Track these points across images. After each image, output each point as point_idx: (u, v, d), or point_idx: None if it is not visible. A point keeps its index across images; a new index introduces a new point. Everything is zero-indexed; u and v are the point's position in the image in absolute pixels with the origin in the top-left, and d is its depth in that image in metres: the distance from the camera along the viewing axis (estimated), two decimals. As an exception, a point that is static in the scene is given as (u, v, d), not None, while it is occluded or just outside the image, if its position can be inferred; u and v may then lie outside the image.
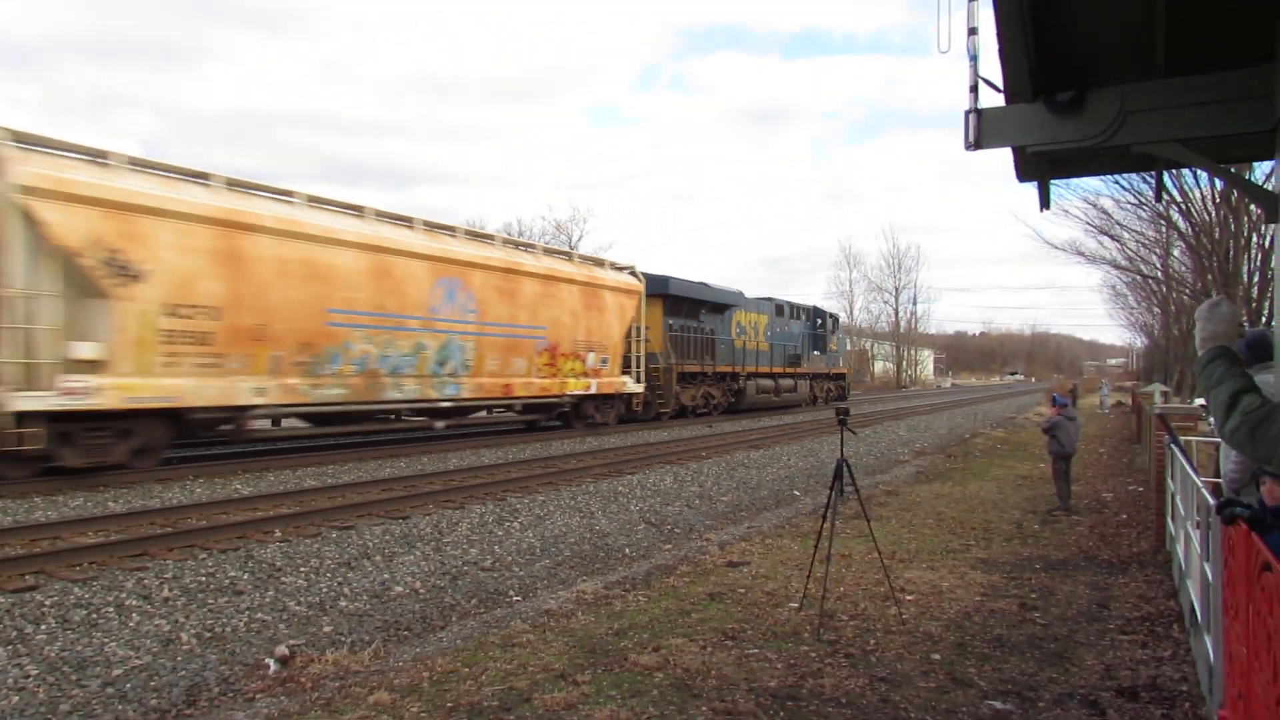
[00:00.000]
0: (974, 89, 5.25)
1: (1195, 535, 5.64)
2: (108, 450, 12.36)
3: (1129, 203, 24.71)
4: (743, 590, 7.27)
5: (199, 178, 13.82)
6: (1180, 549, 6.99)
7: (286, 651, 5.97)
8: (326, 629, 6.58)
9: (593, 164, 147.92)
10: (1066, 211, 27.98)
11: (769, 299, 34.00)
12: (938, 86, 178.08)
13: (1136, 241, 29.93)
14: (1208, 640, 4.66)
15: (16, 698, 5.07)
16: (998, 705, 4.82)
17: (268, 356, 14.14)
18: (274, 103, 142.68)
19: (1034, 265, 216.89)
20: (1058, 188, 22.40)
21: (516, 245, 21.21)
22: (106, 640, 5.95)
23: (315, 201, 15.72)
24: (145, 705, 5.18)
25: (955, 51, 5.14)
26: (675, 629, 6.15)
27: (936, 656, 5.61)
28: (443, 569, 8.27)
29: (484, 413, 20.54)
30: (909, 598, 7.01)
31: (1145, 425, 17.86)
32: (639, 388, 23.96)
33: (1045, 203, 7.27)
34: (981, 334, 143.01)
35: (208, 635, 6.24)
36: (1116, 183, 22.49)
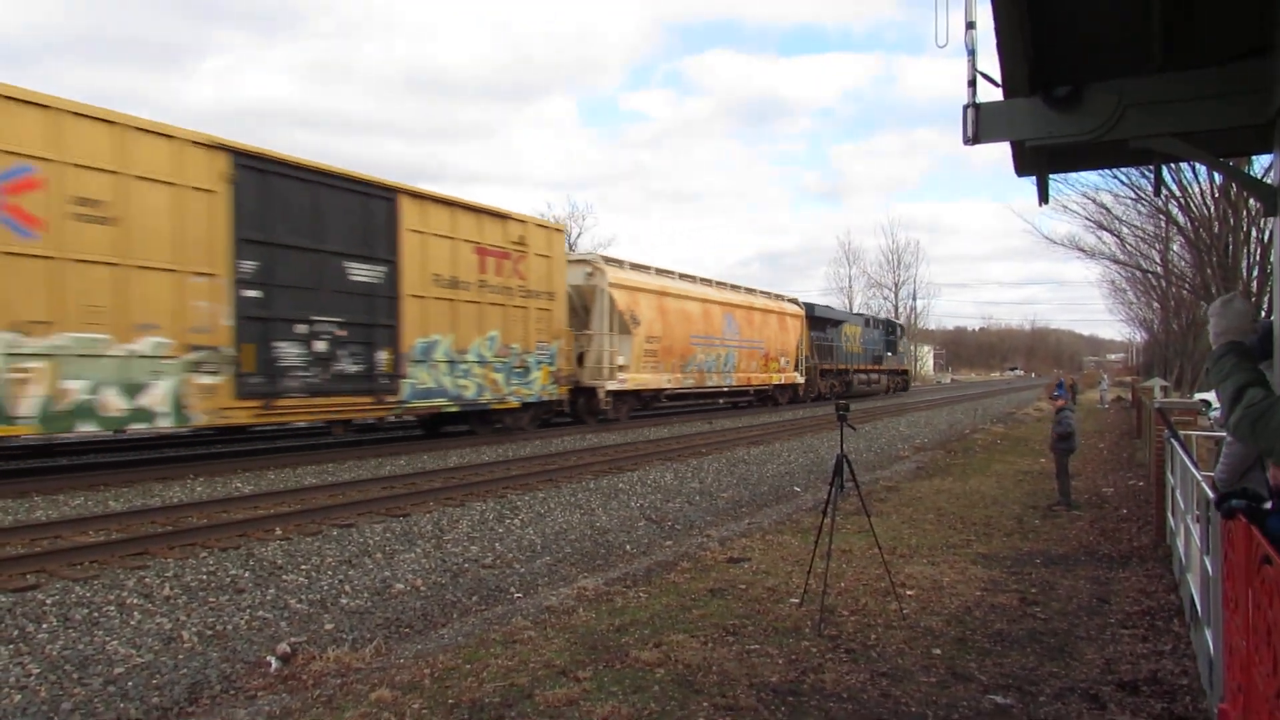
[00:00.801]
0: (972, 84, 5.24)
1: (1195, 529, 5.65)
2: (620, 410, 23.59)
3: (1128, 197, 24.69)
4: (743, 586, 7.28)
5: (644, 269, 25.91)
6: (1180, 543, 7.00)
7: (288, 649, 5.98)
8: (328, 626, 6.59)
9: (589, 161, 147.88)
10: (1065, 206, 27.88)
11: (860, 314, 49.66)
12: (934, 82, 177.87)
13: (1136, 236, 29.93)
14: (1208, 634, 4.66)
15: (19, 696, 5.08)
16: (999, 699, 4.83)
17: (670, 362, 25.74)
18: (269, 101, 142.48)
19: (1033, 261, 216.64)
20: (1056, 182, 22.37)
21: (748, 290, 33.10)
22: (108, 639, 5.96)
23: (682, 276, 28.06)
24: (147, 703, 5.19)
25: (953, 46, 5.13)
26: (676, 625, 6.16)
27: (937, 651, 5.62)
28: (444, 566, 8.28)
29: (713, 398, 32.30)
30: (910, 593, 7.02)
31: (1145, 420, 17.87)
32: (802, 380, 36.05)
33: (1044, 197, 7.28)
34: (981, 330, 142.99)
35: (209, 633, 6.25)
36: (1115, 177, 22.46)
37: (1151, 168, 12.78)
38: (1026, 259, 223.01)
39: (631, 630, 6.05)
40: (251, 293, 13.62)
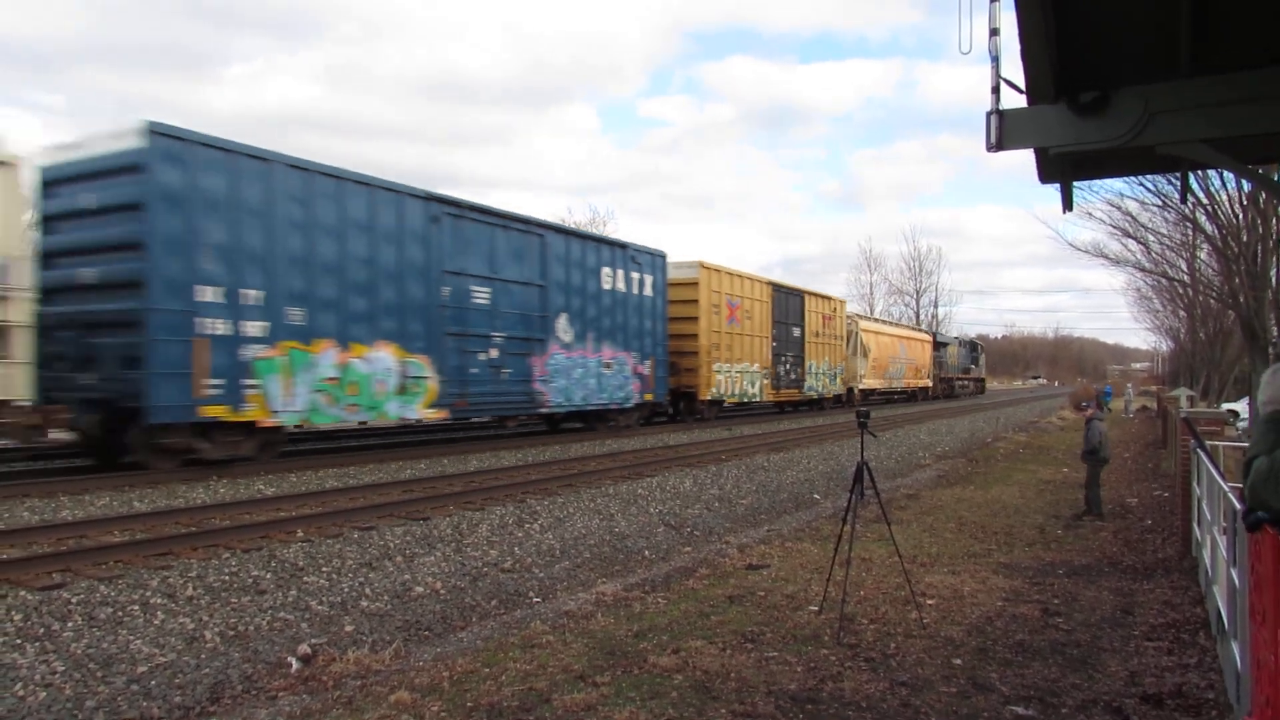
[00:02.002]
0: (996, 90, 5.22)
1: (1221, 541, 5.58)
2: (861, 403, 37.92)
3: (1154, 205, 24.39)
4: (762, 593, 7.25)
5: (869, 318, 47.35)
6: (1206, 554, 6.91)
7: (309, 650, 6.02)
8: (348, 628, 6.63)
9: (608, 166, 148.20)
10: (1090, 214, 27.62)
11: (957, 337, 66.67)
12: (954, 88, 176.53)
13: (1162, 244, 29.56)
14: (1235, 647, 4.60)
15: (44, 694, 5.14)
16: (1020, 711, 4.78)
17: (879, 373, 42.28)
18: (288, 106, 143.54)
19: (1056, 267, 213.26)
20: (1080, 189, 22.14)
21: (906, 325, 54.24)
22: (132, 638, 6.03)
23: (883, 321, 50.03)
24: (170, 702, 5.24)
25: (976, 53, 5.12)
26: (695, 631, 6.14)
27: (958, 661, 5.57)
28: (463, 570, 8.31)
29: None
30: (930, 602, 6.97)
31: (1170, 430, 17.66)
32: (930, 384, 51.92)
33: (1068, 204, 7.22)
34: (1003, 337, 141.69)
35: (231, 634, 6.30)
36: (1141, 184, 22.20)
37: (1178, 174, 12.65)
38: (1049, 266, 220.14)
39: (650, 636, 6.04)
40: (774, 344, 30.34)
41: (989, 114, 5.28)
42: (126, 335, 12.02)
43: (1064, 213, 8.48)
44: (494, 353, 17.39)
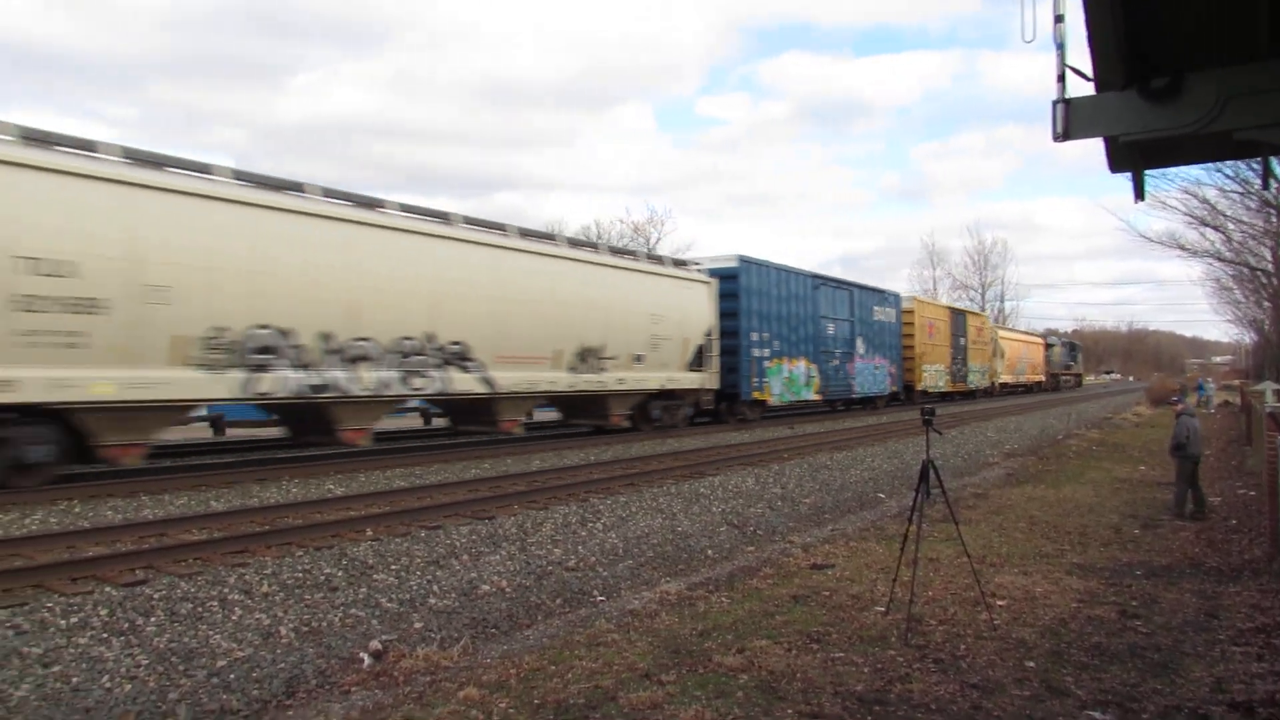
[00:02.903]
0: (1061, 78, 5.09)
1: (1311, 540, 5.34)
2: (995, 391, 52.33)
3: (1234, 192, 23.50)
4: (827, 593, 7.18)
5: (1003, 326, 67.81)
6: (1295, 555, 6.62)
7: (379, 646, 6.16)
8: (417, 625, 6.76)
9: (666, 165, 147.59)
10: (1164, 203, 26.65)
11: (1059, 337, 77.38)
12: (1017, 78, 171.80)
13: (1243, 232, 28.45)
14: (1326, 651, 4.40)
15: (129, 686, 5.35)
16: (1097, 715, 4.65)
17: (1010, 369, 55.30)
18: (353, 114, 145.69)
19: (1127, 259, 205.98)
20: (1153, 178, 21.44)
21: (1025, 331, 70.07)
22: (211, 633, 6.23)
23: (1009, 328, 68.58)
24: (248, 695, 5.41)
25: (1040, 41, 5.00)
26: (759, 631, 6.12)
27: (1031, 664, 5.44)
28: (528, 568, 8.40)
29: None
30: (1000, 603, 6.82)
31: (1255, 425, 16.97)
32: (1044, 379, 63.29)
33: (1140, 194, 7.01)
34: (1074, 332, 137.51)
35: (305, 630, 6.47)
36: (1219, 171, 21.40)
37: (1258, 160, 12.16)
38: (1120, 257, 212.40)
39: (714, 635, 6.03)
40: (952, 351, 42.44)
41: (1055, 103, 5.14)
42: (730, 358, 23.99)
43: (1136, 202, 8.23)
44: (836, 362, 30.15)
